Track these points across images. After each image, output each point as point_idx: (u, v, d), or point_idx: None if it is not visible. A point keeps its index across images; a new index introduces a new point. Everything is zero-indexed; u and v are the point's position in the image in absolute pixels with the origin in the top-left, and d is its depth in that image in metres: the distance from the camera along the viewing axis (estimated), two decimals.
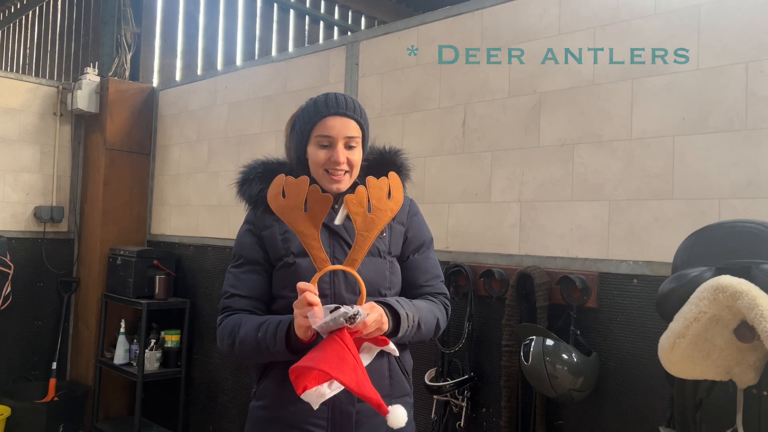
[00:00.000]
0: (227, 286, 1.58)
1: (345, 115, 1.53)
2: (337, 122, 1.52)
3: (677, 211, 1.99)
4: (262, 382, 1.58)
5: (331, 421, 1.50)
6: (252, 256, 1.58)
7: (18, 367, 4.05)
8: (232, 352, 1.51)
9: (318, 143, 1.53)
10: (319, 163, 1.53)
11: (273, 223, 1.57)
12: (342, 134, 1.52)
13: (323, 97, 1.55)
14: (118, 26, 4.38)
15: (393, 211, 1.40)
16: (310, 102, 1.57)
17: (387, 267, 1.58)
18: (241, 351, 1.50)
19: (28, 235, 4.08)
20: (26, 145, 4.10)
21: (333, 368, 1.22)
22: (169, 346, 3.75)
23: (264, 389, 1.57)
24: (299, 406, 1.45)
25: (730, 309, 1.31)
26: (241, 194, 1.64)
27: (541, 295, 2.17)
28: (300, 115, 1.58)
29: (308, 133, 1.54)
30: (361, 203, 1.36)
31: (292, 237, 1.53)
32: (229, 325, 1.52)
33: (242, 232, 1.62)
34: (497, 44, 2.50)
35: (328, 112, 1.52)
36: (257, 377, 1.61)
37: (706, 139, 1.95)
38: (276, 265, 1.56)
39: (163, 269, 3.82)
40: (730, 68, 1.92)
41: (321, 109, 1.52)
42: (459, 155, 2.59)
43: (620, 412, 2.07)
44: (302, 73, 3.29)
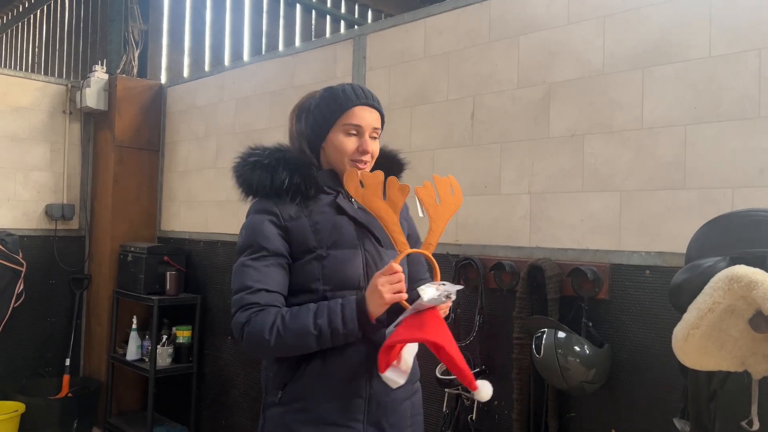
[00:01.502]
0: (249, 281, 1.47)
1: (373, 107, 1.58)
2: (365, 112, 1.56)
3: (689, 200, 1.97)
4: (291, 386, 1.51)
5: (368, 412, 1.51)
6: (277, 248, 1.50)
7: (32, 364, 4.09)
8: (269, 348, 1.42)
9: (346, 131, 1.55)
10: (346, 151, 1.55)
11: (300, 215, 1.53)
12: (370, 125, 1.57)
13: (350, 87, 1.57)
14: (126, 24, 4.39)
15: (456, 206, 1.53)
16: (336, 91, 1.57)
17: (417, 261, 1.68)
18: (285, 344, 1.41)
19: (39, 233, 4.11)
20: (36, 143, 4.12)
21: (447, 342, 1.34)
22: (181, 342, 3.77)
23: (295, 391, 1.50)
24: (338, 402, 1.49)
25: (744, 299, 1.29)
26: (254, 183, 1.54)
27: (552, 287, 2.16)
28: (322, 102, 1.57)
29: (334, 120, 1.55)
30: (431, 195, 1.49)
31: (323, 228, 1.52)
32: (266, 321, 1.42)
33: (260, 222, 1.51)
34: (505, 35, 2.48)
35: (358, 101, 1.55)
36: (280, 382, 1.53)
37: (719, 127, 1.93)
38: (302, 258, 1.51)
39: (174, 265, 3.84)
40: (742, 55, 1.89)
41: (351, 97, 1.55)
42: (468, 147, 2.58)
43: (633, 404, 2.06)
44: (309, 67, 3.28)
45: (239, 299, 1.47)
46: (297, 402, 1.50)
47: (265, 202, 1.54)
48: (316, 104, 1.59)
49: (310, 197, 1.55)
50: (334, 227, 1.54)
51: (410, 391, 1.62)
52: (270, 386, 1.56)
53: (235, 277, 1.51)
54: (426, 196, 1.48)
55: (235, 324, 1.46)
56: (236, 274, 1.51)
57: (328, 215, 1.55)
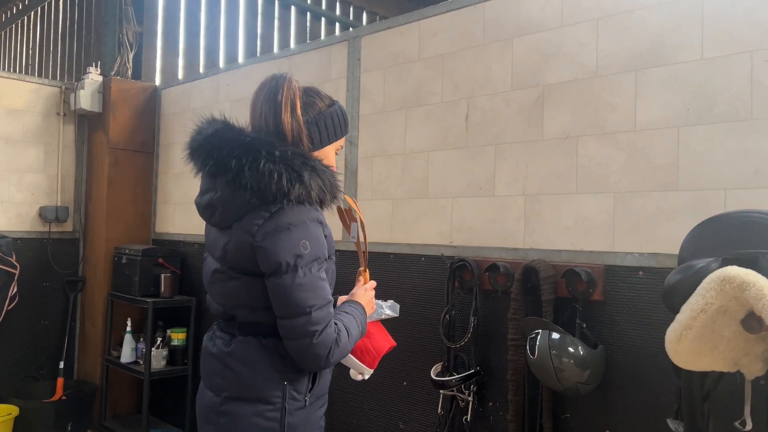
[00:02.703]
0: (328, 294, 1.48)
1: None
2: None
3: (683, 202, 1.98)
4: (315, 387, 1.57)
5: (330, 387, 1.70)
6: (326, 257, 1.55)
7: (25, 367, 4.07)
8: (345, 349, 1.54)
9: (337, 149, 1.66)
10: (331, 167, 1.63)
11: (326, 222, 1.57)
12: None
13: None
14: (120, 25, 4.38)
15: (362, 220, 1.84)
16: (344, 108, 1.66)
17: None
18: (348, 350, 1.55)
19: (33, 235, 4.09)
20: (30, 145, 4.11)
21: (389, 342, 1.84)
22: (176, 344, 3.76)
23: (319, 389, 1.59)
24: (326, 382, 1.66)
25: (737, 300, 1.30)
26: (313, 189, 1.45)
27: (547, 288, 2.16)
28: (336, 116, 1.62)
29: (339, 138, 1.64)
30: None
31: (329, 234, 1.58)
32: (345, 335, 1.51)
33: (318, 234, 1.49)
34: (499, 37, 2.48)
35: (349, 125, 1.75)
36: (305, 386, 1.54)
37: (712, 129, 1.94)
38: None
39: (169, 267, 3.83)
40: (735, 57, 1.90)
41: (349, 121, 1.70)
42: (462, 149, 2.58)
43: (627, 405, 2.06)
44: (304, 69, 3.28)
45: (326, 315, 1.46)
46: (320, 399, 1.61)
47: (314, 210, 1.49)
48: (330, 113, 1.60)
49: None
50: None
51: None
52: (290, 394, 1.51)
53: (313, 293, 1.44)
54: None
55: (327, 340, 1.44)
56: (314, 289, 1.44)
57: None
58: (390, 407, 2.76)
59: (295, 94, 1.53)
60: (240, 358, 1.51)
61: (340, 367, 1.75)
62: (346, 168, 3.03)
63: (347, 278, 2.83)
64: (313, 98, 1.60)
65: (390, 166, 2.85)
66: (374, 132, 2.94)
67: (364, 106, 2.99)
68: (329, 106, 1.61)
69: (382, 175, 2.89)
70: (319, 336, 1.42)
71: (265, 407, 1.49)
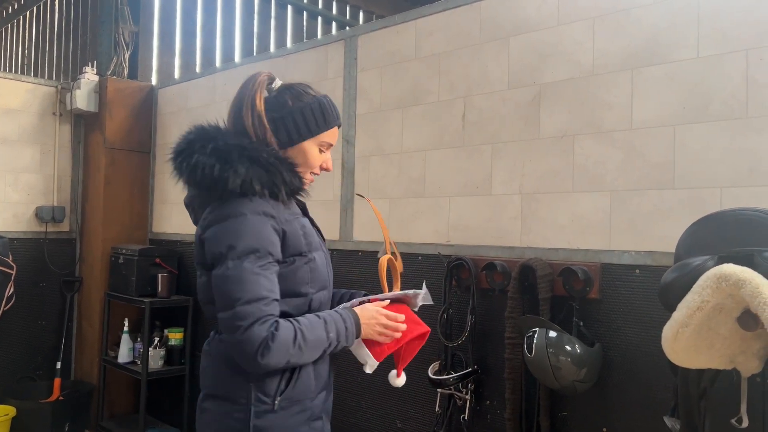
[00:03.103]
0: (263, 291, 1.38)
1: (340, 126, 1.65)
2: (336, 132, 1.63)
3: (679, 200, 1.98)
4: (290, 389, 1.49)
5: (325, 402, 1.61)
6: (278, 255, 1.45)
7: (22, 367, 4.06)
8: (288, 362, 1.40)
9: (320, 147, 1.58)
10: (314, 165, 1.59)
11: (290, 218, 1.50)
12: (334, 144, 1.64)
13: (330, 102, 1.59)
14: (116, 25, 4.37)
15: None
16: (325, 105, 1.57)
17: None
18: (302, 357, 1.42)
19: (29, 235, 4.08)
20: (26, 145, 4.09)
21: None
22: (173, 344, 3.75)
23: (294, 394, 1.49)
24: (318, 396, 1.57)
25: (733, 297, 1.31)
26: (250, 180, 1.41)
27: (544, 286, 2.17)
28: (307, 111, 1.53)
29: (317, 133, 1.56)
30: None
31: (308, 231, 1.55)
32: (289, 335, 1.38)
33: (263, 226, 1.42)
34: (496, 36, 2.49)
35: (337, 121, 1.61)
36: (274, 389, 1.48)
37: (707, 127, 1.94)
38: (292, 262, 1.48)
39: (166, 267, 3.83)
40: (730, 56, 1.91)
41: (334, 116, 1.59)
42: (459, 148, 2.59)
43: (624, 403, 2.07)
44: (301, 68, 3.28)
45: (255, 311, 1.36)
46: (296, 404, 1.50)
47: (261, 203, 1.44)
48: (300, 108, 1.53)
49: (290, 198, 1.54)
50: (310, 229, 1.58)
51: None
52: (256, 396, 1.47)
53: (240, 285, 1.37)
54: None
55: (252, 338, 1.35)
56: (241, 282, 1.37)
57: (301, 217, 1.57)
58: (387, 406, 2.76)
59: (256, 92, 1.52)
60: (213, 356, 1.55)
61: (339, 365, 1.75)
62: (343, 167, 3.02)
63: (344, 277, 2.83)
64: (285, 95, 1.55)
65: (387, 165, 2.85)
66: (371, 131, 2.94)
67: (360, 105, 2.99)
68: (302, 102, 1.54)
69: (379, 174, 2.89)
70: (244, 332, 1.35)
71: (233, 407, 1.48)
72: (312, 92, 1.58)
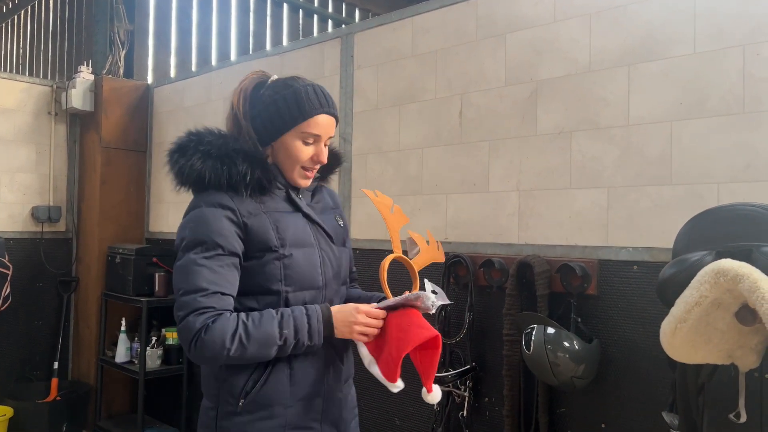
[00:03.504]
0: (203, 282, 1.35)
1: (332, 114, 1.51)
2: (325, 121, 1.49)
3: (676, 196, 1.99)
4: (255, 392, 1.43)
5: (324, 411, 1.50)
6: (233, 247, 1.39)
7: (19, 368, 4.05)
8: (226, 357, 1.34)
9: (303, 139, 1.48)
10: (300, 159, 1.49)
11: (258, 211, 1.44)
12: (327, 134, 1.51)
13: (312, 90, 1.48)
14: (111, 24, 4.35)
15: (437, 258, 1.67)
16: (300, 94, 1.46)
17: (350, 255, 1.68)
18: (245, 354, 1.34)
19: (26, 235, 4.07)
20: (22, 145, 4.08)
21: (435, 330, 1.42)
22: (171, 344, 3.74)
23: (261, 398, 1.43)
24: (300, 404, 1.46)
25: (731, 292, 1.31)
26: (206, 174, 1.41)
27: (542, 283, 2.17)
28: (281, 102, 1.46)
29: (293, 125, 1.46)
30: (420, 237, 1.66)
31: (285, 227, 1.46)
32: (227, 328, 1.33)
33: (215, 217, 1.40)
34: (492, 33, 2.48)
35: (321, 109, 1.47)
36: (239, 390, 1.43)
37: (704, 123, 1.94)
38: (260, 257, 1.43)
39: (163, 266, 3.82)
40: (726, 51, 1.91)
41: (315, 104, 1.46)
42: (456, 146, 2.58)
43: (622, 399, 2.07)
44: (297, 66, 3.27)
45: (191, 301, 1.34)
46: (264, 409, 1.43)
47: (219, 195, 1.42)
48: (274, 101, 1.47)
49: (265, 193, 1.47)
50: (293, 225, 1.49)
51: (351, 383, 1.65)
52: (224, 395, 1.45)
53: (183, 276, 1.38)
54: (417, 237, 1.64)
55: (186, 329, 1.34)
56: (185, 273, 1.37)
57: (284, 212, 1.49)
58: (386, 403, 2.76)
59: (235, 91, 1.53)
60: None
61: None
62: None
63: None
64: (267, 90, 1.50)
65: (384, 162, 2.85)
66: (368, 129, 2.93)
67: (357, 103, 2.98)
68: (278, 95, 1.47)
69: (376, 172, 2.88)
70: (180, 322, 1.36)
71: (207, 404, 1.51)
72: (296, 83, 1.49)
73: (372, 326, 1.44)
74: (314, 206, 1.60)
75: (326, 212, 1.62)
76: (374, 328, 1.44)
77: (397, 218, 1.59)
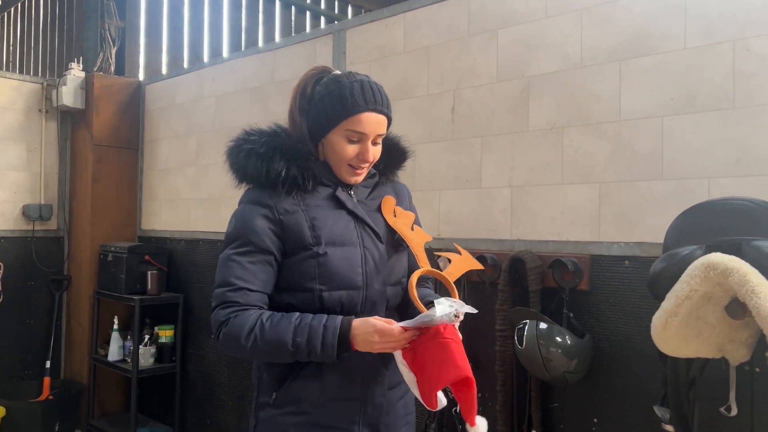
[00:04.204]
0: (232, 277, 1.40)
1: (380, 112, 1.46)
2: (372, 119, 1.44)
3: (667, 191, 1.99)
4: (286, 387, 1.45)
5: (363, 414, 1.47)
6: (265, 245, 1.41)
7: (11, 367, 4.02)
8: (244, 352, 1.38)
9: (348, 137, 1.44)
10: (345, 158, 1.46)
11: (296, 209, 1.44)
12: (375, 132, 1.46)
13: (359, 86, 1.44)
14: (102, 21, 4.33)
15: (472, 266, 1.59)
16: (344, 90, 1.43)
17: (405, 257, 1.59)
18: (260, 352, 1.38)
19: (17, 233, 4.04)
20: (12, 142, 4.05)
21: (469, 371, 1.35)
22: (164, 342, 3.73)
23: (290, 393, 1.45)
24: (332, 405, 1.45)
25: (721, 286, 1.31)
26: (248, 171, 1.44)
27: (534, 279, 2.17)
28: (327, 98, 1.44)
29: (337, 122, 1.43)
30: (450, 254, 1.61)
31: (322, 225, 1.44)
32: (245, 325, 1.36)
33: (251, 215, 1.43)
34: (484, 29, 2.48)
35: (366, 107, 1.43)
36: (276, 382, 1.47)
37: (695, 118, 1.95)
38: (296, 254, 1.43)
39: (155, 264, 3.80)
40: (717, 47, 1.91)
41: (359, 101, 1.42)
42: (449, 142, 2.58)
43: (614, 393, 2.08)
44: (289, 63, 3.27)
45: (220, 295, 1.41)
46: (292, 404, 1.44)
47: (259, 192, 1.45)
48: (320, 98, 1.45)
49: (307, 190, 1.46)
50: (333, 223, 1.46)
51: (403, 390, 1.57)
52: (263, 386, 1.50)
53: (219, 270, 1.44)
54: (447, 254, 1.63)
55: (214, 320, 1.41)
56: (220, 267, 1.44)
57: (326, 210, 1.47)
58: None
59: (295, 86, 1.52)
60: None
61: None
62: None
63: None
64: (319, 87, 1.48)
65: None
66: None
67: None
68: (325, 92, 1.45)
69: None
70: (211, 313, 1.43)
71: (255, 391, 1.55)
72: (346, 79, 1.45)
73: (391, 344, 1.36)
74: (368, 203, 1.55)
75: (379, 208, 1.57)
76: (395, 344, 1.36)
77: (419, 235, 1.56)
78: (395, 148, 1.64)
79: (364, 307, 1.47)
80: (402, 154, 1.66)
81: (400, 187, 1.69)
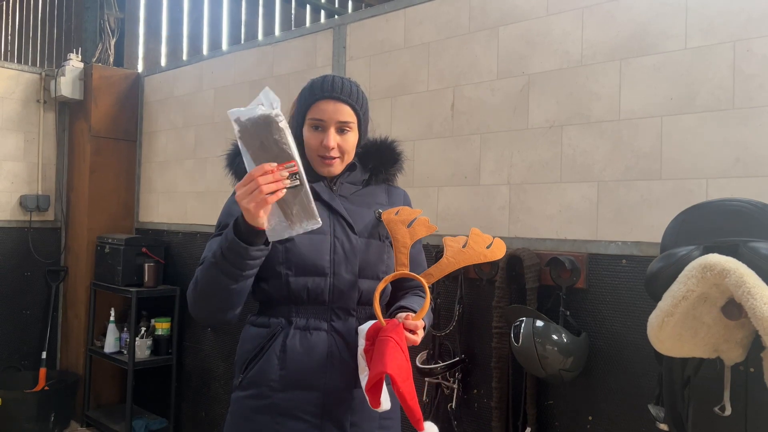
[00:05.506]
0: (206, 253, 1.47)
1: (338, 99, 1.51)
2: (329, 106, 1.50)
3: (665, 191, 2.00)
4: (250, 370, 1.49)
5: (323, 405, 1.46)
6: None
7: (7, 357, 4.03)
8: (197, 300, 1.44)
9: (311, 126, 1.52)
10: (311, 146, 1.52)
11: None
12: (334, 119, 1.50)
13: (320, 80, 1.53)
14: (101, 11, 4.31)
15: (486, 257, 1.51)
16: (308, 84, 1.55)
17: (385, 251, 1.58)
18: (203, 291, 1.41)
19: (14, 224, 4.04)
20: (10, 133, 4.04)
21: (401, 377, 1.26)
22: (160, 334, 3.74)
23: (253, 376, 1.48)
24: (293, 392, 1.45)
25: (717, 287, 1.32)
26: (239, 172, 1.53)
27: (531, 276, 2.18)
28: (299, 96, 1.57)
29: (303, 114, 1.53)
30: (457, 241, 1.52)
31: None
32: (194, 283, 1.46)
33: (231, 203, 1.53)
34: (485, 25, 2.48)
35: (322, 95, 1.50)
36: (243, 366, 1.52)
37: (694, 118, 1.95)
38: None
39: (152, 257, 3.80)
40: (717, 47, 1.91)
41: (316, 91, 1.51)
42: (448, 138, 2.58)
43: (609, 391, 2.09)
44: (289, 57, 3.26)
45: (196, 272, 1.48)
46: (254, 387, 1.47)
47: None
48: (298, 97, 1.58)
49: None
50: None
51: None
52: (235, 369, 1.57)
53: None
54: (451, 241, 1.53)
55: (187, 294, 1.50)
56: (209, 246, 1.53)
57: None
58: None
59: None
60: None
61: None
62: None
63: None
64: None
65: None
66: None
67: None
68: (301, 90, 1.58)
69: None
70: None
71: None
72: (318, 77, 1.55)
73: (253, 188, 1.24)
74: (351, 198, 1.58)
75: (367, 205, 1.59)
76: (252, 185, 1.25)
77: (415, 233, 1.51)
78: (387, 149, 1.68)
79: (331, 295, 1.49)
80: (395, 156, 1.69)
81: (395, 191, 1.71)
